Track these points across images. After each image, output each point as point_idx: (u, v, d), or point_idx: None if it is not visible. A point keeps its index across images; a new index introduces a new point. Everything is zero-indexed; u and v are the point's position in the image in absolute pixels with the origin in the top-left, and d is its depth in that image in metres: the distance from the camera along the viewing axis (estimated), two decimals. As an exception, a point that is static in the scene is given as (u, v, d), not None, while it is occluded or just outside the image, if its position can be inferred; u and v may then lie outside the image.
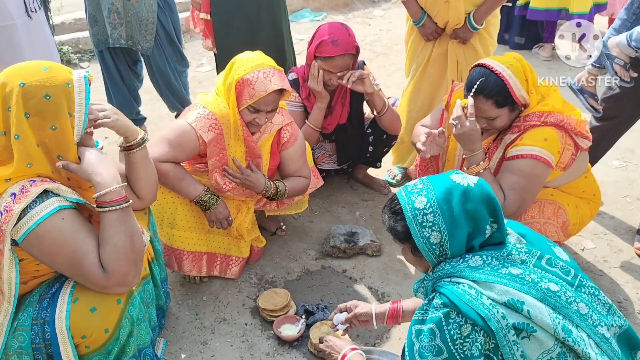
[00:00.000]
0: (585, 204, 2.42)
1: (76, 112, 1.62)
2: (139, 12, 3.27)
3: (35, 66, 1.61)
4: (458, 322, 1.42)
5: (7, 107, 1.56)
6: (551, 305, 1.44)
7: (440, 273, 1.53)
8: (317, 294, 2.49)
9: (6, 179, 1.58)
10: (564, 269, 1.53)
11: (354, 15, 6.68)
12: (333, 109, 2.85)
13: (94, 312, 1.67)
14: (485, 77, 2.16)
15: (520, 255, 1.52)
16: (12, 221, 1.54)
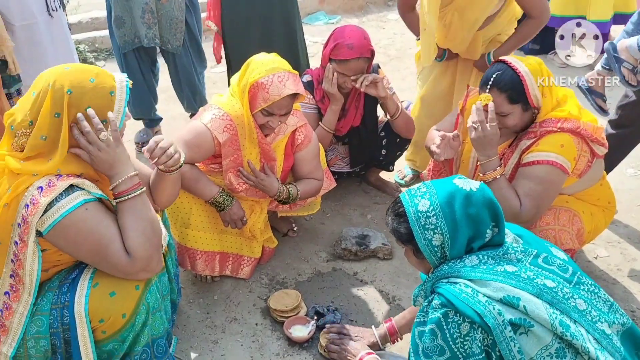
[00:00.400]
0: (600, 211, 2.41)
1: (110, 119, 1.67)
2: (169, 11, 3.30)
3: (83, 74, 1.65)
4: (457, 321, 1.46)
5: (55, 112, 1.60)
6: (547, 300, 1.47)
7: (439, 274, 1.58)
8: (328, 295, 2.49)
9: (34, 173, 1.60)
10: (561, 267, 1.57)
11: (368, 19, 6.68)
12: (347, 111, 2.85)
13: (112, 296, 1.71)
14: (501, 71, 2.17)
15: (517, 254, 1.56)
16: (38, 214, 1.57)
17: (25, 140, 1.62)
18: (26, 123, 1.61)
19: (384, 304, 2.45)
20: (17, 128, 1.62)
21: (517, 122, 2.21)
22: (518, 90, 2.15)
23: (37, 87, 1.63)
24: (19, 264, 1.63)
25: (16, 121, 1.62)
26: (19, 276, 1.65)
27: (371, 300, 2.47)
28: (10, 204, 1.59)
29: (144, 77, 3.52)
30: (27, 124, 1.61)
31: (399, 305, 2.44)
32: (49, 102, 1.59)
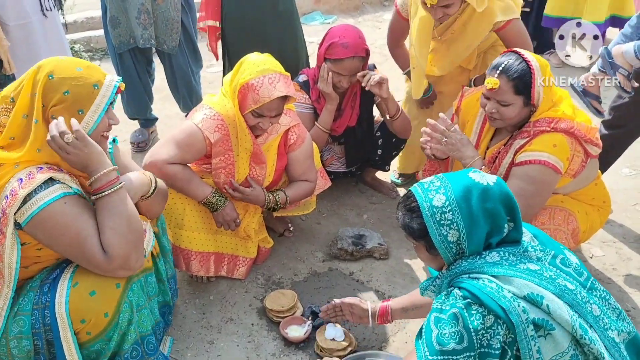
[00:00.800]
0: (595, 211, 2.41)
1: (90, 111, 1.68)
2: (165, 11, 3.29)
3: (72, 64, 1.70)
4: (481, 312, 1.41)
5: (34, 92, 1.64)
6: (568, 302, 1.44)
7: (457, 270, 1.52)
8: (324, 295, 2.49)
9: (15, 164, 1.62)
10: (577, 270, 1.54)
11: (364, 19, 6.68)
12: (343, 111, 2.85)
13: (93, 295, 1.70)
14: (513, 59, 2.16)
15: (536, 252, 1.53)
16: (16, 205, 1.59)
17: (5, 117, 1.66)
18: (7, 99, 1.67)
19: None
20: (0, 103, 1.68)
21: (515, 115, 2.20)
22: (526, 82, 2.14)
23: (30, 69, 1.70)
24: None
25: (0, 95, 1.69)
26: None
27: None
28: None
29: (139, 77, 3.51)
30: (9, 100, 1.67)
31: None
32: (30, 82, 1.64)
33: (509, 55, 2.19)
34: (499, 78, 2.15)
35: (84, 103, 1.67)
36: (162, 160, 2.21)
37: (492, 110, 2.21)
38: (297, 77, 2.89)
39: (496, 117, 2.22)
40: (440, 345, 1.43)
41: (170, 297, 2.18)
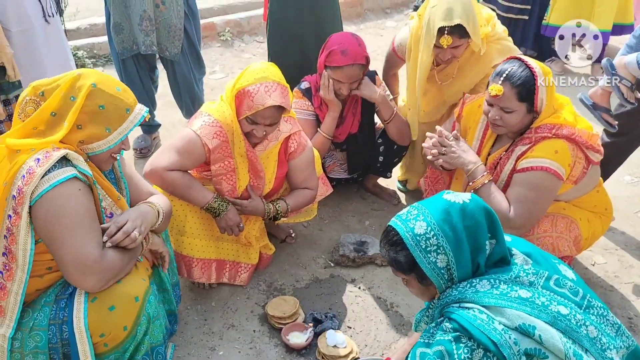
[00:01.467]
0: (597, 218, 2.41)
1: (116, 132, 1.74)
2: (168, 18, 3.30)
3: (113, 82, 1.78)
4: (470, 346, 1.39)
5: (71, 96, 1.68)
6: (561, 329, 1.42)
7: (448, 299, 1.50)
8: (326, 302, 2.49)
9: (32, 148, 1.65)
10: (572, 289, 1.50)
11: (366, 26, 6.70)
12: (344, 118, 2.86)
13: (112, 310, 1.70)
14: (517, 66, 2.16)
15: (528, 277, 1.49)
16: (33, 183, 1.59)
17: (31, 108, 1.69)
18: (37, 91, 1.70)
19: (382, 311, 2.45)
20: (28, 93, 1.70)
21: (518, 122, 2.20)
22: (529, 88, 2.14)
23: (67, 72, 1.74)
24: (12, 238, 1.63)
25: (30, 87, 1.71)
26: (12, 253, 1.64)
27: (369, 307, 2.47)
28: (9, 180, 1.62)
29: (142, 83, 3.52)
30: (39, 93, 1.70)
31: (397, 312, 2.44)
32: (68, 84, 1.68)
33: (513, 62, 2.19)
34: (503, 85, 2.15)
35: (113, 123, 1.73)
36: (162, 167, 2.21)
37: (495, 117, 2.21)
38: (299, 84, 2.90)
39: (499, 123, 2.22)
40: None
41: (175, 306, 2.18)
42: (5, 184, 1.62)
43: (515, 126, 2.22)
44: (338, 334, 2.22)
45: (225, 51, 5.71)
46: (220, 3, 6.44)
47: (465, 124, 2.49)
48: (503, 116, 2.19)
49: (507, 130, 2.26)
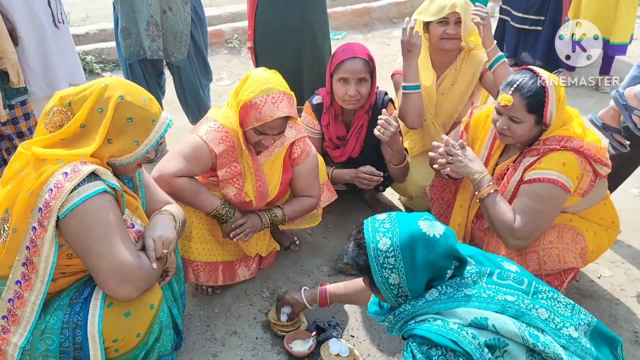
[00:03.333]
0: (604, 231, 2.40)
1: (143, 144, 1.75)
2: (175, 24, 3.33)
3: (139, 91, 1.78)
4: (441, 355, 1.46)
5: (99, 108, 1.68)
6: (512, 315, 1.49)
7: (404, 315, 1.58)
8: (329, 310, 2.47)
9: (58, 159, 1.64)
10: (517, 279, 1.58)
11: (373, 35, 6.72)
12: (347, 141, 2.84)
13: (128, 316, 1.71)
14: (528, 77, 2.15)
15: (472, 276, 1.58)
16: (61, 198, 1.59)
17: (58, 119, 1.69)
18: (64, 102, 1.70)
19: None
20: (56, 104, 1.70)
21: (525, 133, 2.19)
22: (539, 101, 2.12)
23: (92, 82, 1.75)
24: (35, 250, 1.63)
25: (56, 98, 1.71)
26: (33, 264, 1.64)
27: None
28: (35, 190, 1.61)
29: (149, 88, 3.54)
30: (66, 104, 1.70)
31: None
32: (96, 96, 1.68)
33: (524, 73, 2.18)
34: (513, 95, 2.14)
35: (141, 135, 1.74)
36: (170, 173, 2.21)
37: (503, 127, 2.20)
38: (311, 97, 2.90)
39: (507, 133, 2.21)
40: None
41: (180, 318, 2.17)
42: (30, 194, 1.61)
43: (522, 137, 2.21)
44: (341, 343, 2.21)
45: (232, 58, 5.74)
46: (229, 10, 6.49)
47: (473, 134, 2.48)
48: (511, 126, 2.18)
49: (514, 141, 2.25)
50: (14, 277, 1.66)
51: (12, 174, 1.72)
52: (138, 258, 1.71)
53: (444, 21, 2.81)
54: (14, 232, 1.63)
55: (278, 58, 3.35)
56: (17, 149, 1.74)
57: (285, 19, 3.28)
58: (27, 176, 1.65)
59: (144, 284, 1.74)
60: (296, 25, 3.28)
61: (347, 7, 6.92)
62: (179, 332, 2.14)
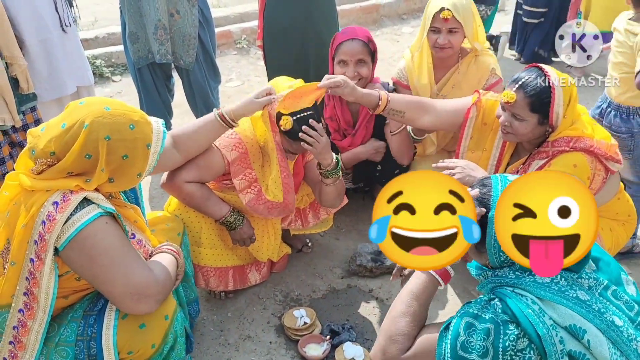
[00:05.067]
0: (620, 225, 2.35)
1: (145, 171, 1.71)
2: (182, 27, 3.32)
3: (122, 118, 1.62)
4: (515, 334, 1.38)
5: (86, 154, 1.58)
6: (612, 339, 1.39)
7: (502, 280, 1.49)
8: (343, 313, 2.46)
9: (47, 189, 1.59)
10: (628, 304, 1.47)
11: (382, 32, 6.69)
12: (356, 131, 2.83)
13: (142, 328, 1.70)
14: (534, 76, 2.10)
15: (589, 280, 1.46)
16: (55, 230, 1.55)
17: (45, 168, 1.61)
18: (47, 153, 1.59)
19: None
20: (38, 155, 1.60)
21: (528, 132, 2.14)
22: (543, 101, 2.08)
23: (69, 120, 1.59)
24: (35, 282, 1.61)
25: (38, 147, 1.59)
26: (34, 294, 1.63)
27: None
28: (28, 223, 1.58)
29: (158, 92, 3.54)
30: (49, 154, 1.59)
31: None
32: (81, 142, 1.56)
33: (532, 71, 2.13)
34: (517, 92, 2.10)
35: (141, 165, 1.67)
36: (181, 179, 2.20)
37: (505, 123, 2.17)
38: None
39: (509, 130, 2.17)
40: (463, 352, 1.41)
41: (190, 323, 2.15)
42: (24, 227, 1.58)
43: (525, 135, 2.16)
44: (355, 346, 2.19)
45: (241, 59, 5.74)
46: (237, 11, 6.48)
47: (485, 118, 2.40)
48: (513, 123, 2.15)
49: (516, 139, 2.21)
50: (17, 306, 1.65)
51: (5, 202, 1.67)
52: (151, 272, 1.68)
53: (435, 29, 2.72)
54: (12, 265, 1.61)
55: (284, 56, 3.35)
56: (5, 180, 1.69)
57: (291, 18, 3.27)
58: (19, 210, 1.61)
59: (162, 296, 1.73)
60: (301, 24, 3.27)
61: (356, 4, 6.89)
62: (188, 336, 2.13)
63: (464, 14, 2.69)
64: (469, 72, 2.84)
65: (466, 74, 2.84)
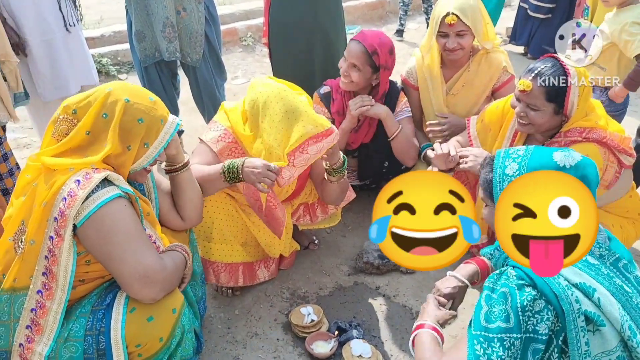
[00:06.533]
0: (630, 223, 2.34)
1: (153, 146, 1.75)
2: (189, 24, 3.32)
3: (143, 92, 1.77)
4: (533, 295, 1.38)
5: (103, 113, 1.68)
6: (621, 302, 1.40)
7: None
8: (350, 310, 2.46)
9: (70, 167, 1.64)
10: (638, 279, 1.48)
11: (387, 29, 6.66)
12: (360, 127, 2.83)
13: (150, 321, 1.70)
14: (550, 65, 2.09)
15: (601, 250, 1.48)
16: (76, 206, 1.58)
17: (65, 127, 1.68)
18: (70, 110, 1.69)
19: (407, 319, 2.40)
20: (61, 112, 1.69)
21: (543, 122, 2.14)
22: (558, 90, 2.07)
23: (96, 88, 1.73)
24: (54, 259, 1.63)
25: (62, 105, 1.70)
26: (53, 273, 1.64)
27: (394, 315, 2.43)
28: (49, 201, 1.61)
29: (164, 90, 3.54)
30: (71, 111, 1.69)
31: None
32: (101, 101, 1.67)
33: (547, 61, 2.12)
34: (533, 81, 2.09)
35: (151, 136, 1.74)
36: None
37: (521, 113, 2.16)
38: (320, 87, 2.89)
39: (525, 121, 2.16)
40: (487, 322, 1.41)
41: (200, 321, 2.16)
42: (45, 205, 1.61)
43: (542, 126, 2.15)
44: (363, 344, 2.18)
45: (247, 56, 5.74)
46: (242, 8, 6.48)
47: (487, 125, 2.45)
48: (529, 113, 2.14)
49: (532, 129, 2.20)
50: (35, 287, 1.66)
51: (24, 184, 1.72)
52: (160, 260, 1.71)
53: (442, 34, 2.71)
54: (32, 244, 1.63)
55: (290, 54, 3.35)
56: (27, 161, 1.74)
57: (297, 15, 3.26)
58: (40, 187, 1.65)
59: (168, 285, 1.74)
60: (307, 23, 3.26)
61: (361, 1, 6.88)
62: (197, 336, 2.13)
63: (472, 15, 2.66)
64: (480, 71, 2.83)
65: (477, 72, 2.83)
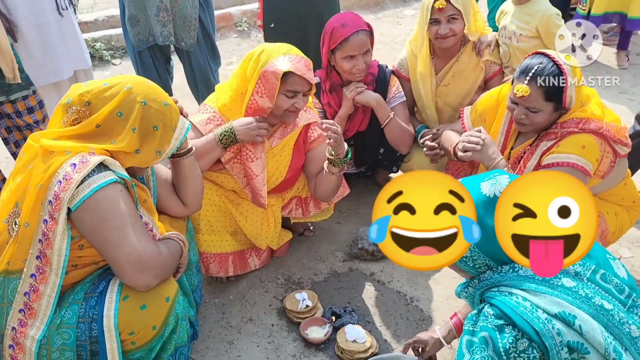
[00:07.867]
0: (625, 211, 2.34)
1: (164, 154, 1.77)
2: (183, 8, 3.29)
3: (161, 95, 1.76)
4: (514, 336, 1.36)
5: (119, 112, 1.67)
6: (603, 323, 1.38)
7: (487, 283, 1.48)
8: (345, 296, 2.46)
9: (66, 151, 1.63)
10: (618, 287, 1.46)
11: (384, 15, 6.62)
12: (354, 115, 2.81)
13: (143, 309, 1.70)
14: (544, 64, 2.05)
15: (575, 266, 1.45)
16: (70, 189, 1.57)
17: (76, 117, 1.68)
18: (83, 102, 1.68)
19: (402, 305, 2.41)
20: (73, 103, 1.68)
21: (545, 120, 2.12)
22: (557, 88, 2.04)
23: (112, 81, 1.72)
24: (48, 243, 1.62)
25: (75, 95, 1.69)
26: (47, 257, 1.63)
27: (388, 301, 2.44)
28: (44, 183, 1.60)
29: (159, 75, 3.52)
30: (84, 103, 1.68)
31: (417, 307, 2.40)
32: (119, 99, 1.67)
33: (539, 58, 2.08)
34: (529, 84, 2.05)
35: (163, 144, 1.75)
36: None
37: (520, 117, 2.12)
38: None
39: (525, 122, 2.13)
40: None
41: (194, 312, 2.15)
42: (40, 187, 1.60)
43: (542, 124, 2.14)
44: (357, 329, 2.19)
45: (242, 42, 5.69)
46: (237, -7, 6.41)
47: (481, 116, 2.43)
48: (529, 115, 2.11)
49: (532, 129, 2.19)
50: (29, 271, 1.65)
51: (20, 165, 1.71)
52: (155, 246, 1.71)
53: (434, 21, 2.67)
54: (26, 227, 1.62)
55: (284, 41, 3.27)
56: (27, 140, 1.73)
57: (292, 3, 3.23)
58: (36, 169, 1.64)
59: (162, 272, 1.73)
60: (303, 5, 3.25)
61: (357, -13, 6.81)
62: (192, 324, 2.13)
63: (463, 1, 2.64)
64: (471, 61, 2.82)
65: (468, 63, 2.82)
